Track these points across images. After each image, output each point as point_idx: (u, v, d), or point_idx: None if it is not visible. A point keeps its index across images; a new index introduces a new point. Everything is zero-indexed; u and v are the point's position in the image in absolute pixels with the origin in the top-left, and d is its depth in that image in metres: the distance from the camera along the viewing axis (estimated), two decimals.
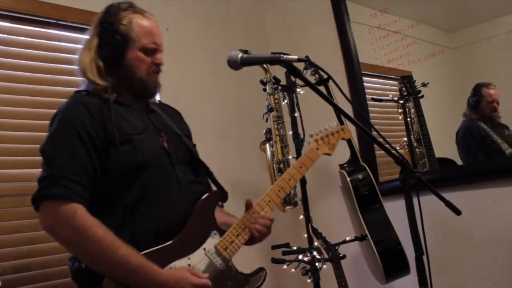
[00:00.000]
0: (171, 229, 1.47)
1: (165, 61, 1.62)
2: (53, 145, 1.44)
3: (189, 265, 1.46)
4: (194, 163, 1.67)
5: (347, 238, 2.14)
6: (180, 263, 1.44)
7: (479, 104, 2.38)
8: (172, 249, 1.45)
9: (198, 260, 1.47)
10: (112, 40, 1.53)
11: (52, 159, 1.41)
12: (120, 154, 1.44)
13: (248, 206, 1.61)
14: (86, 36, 1.64)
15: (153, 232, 1.44)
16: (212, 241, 1.52)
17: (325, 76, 2.32)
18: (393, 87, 2.69)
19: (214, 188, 1.70)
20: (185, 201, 1.53)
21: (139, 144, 1.48)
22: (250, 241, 1.59)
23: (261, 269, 1.61)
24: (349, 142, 2.37)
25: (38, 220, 1.39)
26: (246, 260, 1.64)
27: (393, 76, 2.70)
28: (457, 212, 1.41)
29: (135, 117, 1.56)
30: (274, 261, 2.07)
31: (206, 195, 1.58)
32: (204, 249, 1.50)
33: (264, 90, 2.29)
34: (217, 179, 1.71)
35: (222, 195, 1.65)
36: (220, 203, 1.67)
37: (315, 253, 2.05)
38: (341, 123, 2.36)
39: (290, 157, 2.24)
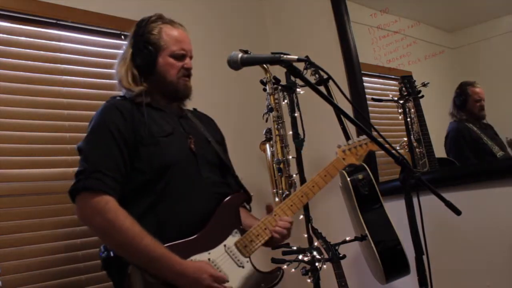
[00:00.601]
0: (193, 225, 1.57)
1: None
2: (88, 143, 1.57)
3: (209, 259, 1.56)
4: (221, 166, 1.78)
5: (347, 238, 2.14)
6: (200, 257, 1.54)
7: (466, 103, 2.38)
8: (194, 243, 1.54)
9: (217, 255, 1.56)
10: (144, 49, 1.68)
11: (87, 155, 1.54)
12: (147, 155, 1.57)
13: (270, 209, 1.72)
14: (120, 48, 1.81)
15: (176, 228, 1.54)
16: (232, 239, 1.62)
17: (325, 76, 2.32)
18: (393, 87, 2.68)
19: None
20: (208, 200, 1.63)
21: (165, 146, 1.60)
22: (270, 242, 1.71)
23: (278, 269, 1.70)
24: None
25: (75, 210, 1.52)
26: None
27: (393, 76, 2.70)
28: (457, 212, 1.41)
29: (165, 121, 1.68)
30: (274, 261, 2.06)
31: (230, 196, 1.68)
32: (225, 245, 1.60)
33: (264, 90, 2.29)
34: (242, 183, 1.82)
35: (246, 197, 1.76)
36: (247, 206, 1.79)
37: (315, 253, 2.04)
38: (341, 123, 2.37)
39: (290, 157, 2.23)
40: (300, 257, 2.05)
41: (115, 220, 1.45)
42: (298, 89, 2.32)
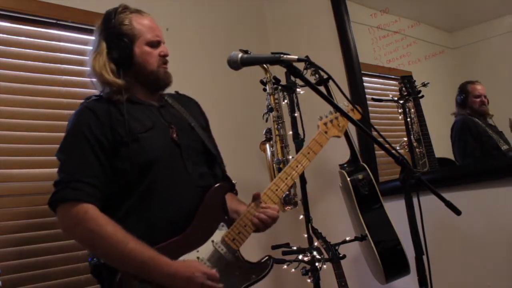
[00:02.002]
0: (180, 223, 1.54)
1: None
2: (63, 151, 1.54)
3: (198, 258, 1.53)
4: (207, 153, 1.73)
5: (347, 238, 2.14)
6: (189, 256, 1.51)
7: (466, 100, 2.38)
8: (181, 242, 1.51)
9: (206, 252, 1.54)
10: (119, 41, 1.61)
11: (63, 164, 1.51)
12: (128, 154, 1.52)
13: (256, 197, 1.66)
14: (90, 45, 1.72)
15: (163, 228, 1.51)
16: (219, 233, 1.58)
17: (325, 76, 2.32)
18: (393, 87, 2.68)
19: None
20: (194, 195, 1.59)
21: (146, 142, 1.56)
22: (256, 229, 1.65)
23: (268, 258, 1.66)
24: (349, 142, 2.37)
25: (57, 222, 1.49)
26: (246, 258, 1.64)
27: (393, 76, 2.70)
28: (457, 212, 1.41)
29: (145, 114, 1.63)
30: (274, 261, 2.06)
31: (212, 188, 1.63)
32: (212, 241, 1.56)
33: (264, 90, 2.29)
34: (225, 171, 1.77)
35: (229, 187, 1.71)
36: (234, 190, 1.75)
37: (315, 253, 2.04)
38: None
39: (290, 157, 2.23)
40: (300, 257, 2.05)
41: (96, 228, 1.41)
42: (298, 89, 2.32)
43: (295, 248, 2.05)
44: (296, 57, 1.44)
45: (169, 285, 1.43)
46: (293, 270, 2.07)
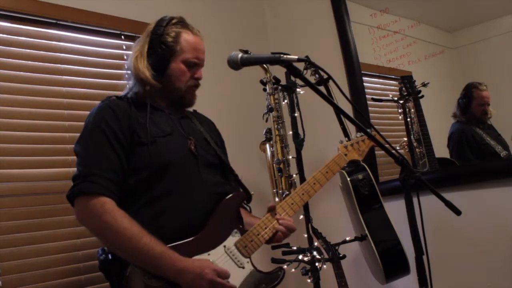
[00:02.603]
0: (193, 226, 1.55)
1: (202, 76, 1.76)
2: (82, 146, 1.56)
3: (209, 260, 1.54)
4: (222, 167, 1.77)
5: (347, 238, 2.14)
6: (200, 258, 1.52)
7: (470, 106, 2.37)
8: (193, 244, 1.52)
9: (217, 256, 1.54)
10: (159, 49, 1.66)
11: (82, 159, 1.54)
12: (145, 154, 1.55)
13: (271, 209, 1.70)
14: (135, 44, 1.76)
15: (175, 229, 1.52)
16: (232, 239, 1.60)
17: (325, 76, 2.32)
18: (393, 87, 2.68)
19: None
20: (208, 200, 1.61)
21: (163, 146, 1.59)
22: (270, 240, 1.68)
23: (279, 269, 1.68)
24: None
25: (74, 215, 1.51)
26: None
27: (393, 76, 2.70)
28: (457, 212, 1.41)
29: (165, 121, 1.67)
30: (274, 261, 2.06)
31: (230, 195, 1.66)
32: (224, 246, 1.58)
33: (264, 90, 2.29)
34: (242, 182, 1.80)
35: (246, 196, 1.75)
36: (246, 207, 1.78)
37: (315, 253, 2.05)
38: (341, 123, 2.37)
39: (290, 157, 2.23)
40: (300, 257, 2.05)
41: (112, 221, 1.44)
42: (298, 89, 2.32)
43: (295, 248, 2.05)
44: (296, 57, 1.44)
45: (180, 280, 1.44)
46: (293, 270, 2.07)
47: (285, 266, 2.06)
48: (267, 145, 2.27)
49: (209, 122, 1.94)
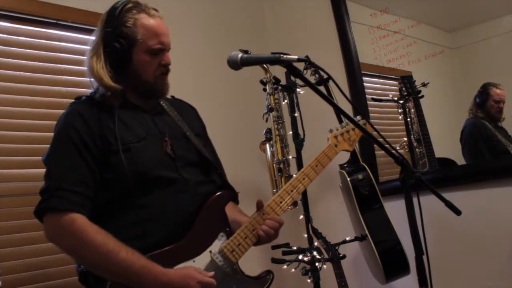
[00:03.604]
0: (177, 232, 1.46)
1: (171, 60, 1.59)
2: (50, 157, 1.46)
3: None
4: (204, 164, 1.64)
5: (347, 238, 2.14)
6: (185, 266, 1.44)
7: (486, 102, 2.37)
8: (178, 251, 1.44)
9: (203, 263, 1.46)
10: (117, 44, 1.50)
11: (49, 170, 1.44)
12: (118, 163, 1.44)
13: (259, 206, 1.58)
14: (92, 38, 1.61)
15: (161, 236, 1.44)
16: (218, 244, 1.50)
17: (325, 76, 2.31)
18: (393, 87, 2.69)
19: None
20: (190, 203, 1.51)
21: (138, 153, 1.47)
22: (258, 242, 1.57)
23: (268, 272, 1.59)
24: None
25: (43, 231, 1.41)
26: (245, 260, 1.63)
27: (393, 76, 2.70)
28: (457, 212, 1.41)
29: (138, 122, 1.55)
30: (274, 261, 2.07)
31: (214, 196, 1.55)
32: (210, 251, 1.49)
33: (264, 90, 2.29)
34: (227, 179, 1.69)
35: (231, 195, 1.63)
36: (236, 200, 1.67)
37: (315, 253, 2.05)
38: (341, 123, 2.36)
39: (290, 157, 2.23)
40: (300, 257, 2.05)
41: (85, 238, 1.34)
42: (298, 89, 2.32)
43: (295, 248, 2.05)
44: (296, 57, 1.44)
45: None
46: (293, 270, 2.07)
47: (285, 266, 2.07)
48: (267, 145, 2.27)
49: (189, 109, 1.77)
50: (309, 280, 2.07)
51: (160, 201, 1.47)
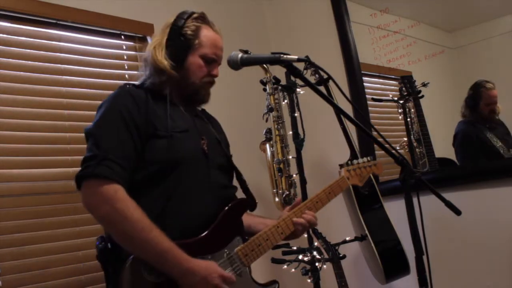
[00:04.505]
0: (198, 226, 1.52)
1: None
2: (99, 128, 1.50)
3: None
4: (229, 170, 1.75)
5: (347, 238, 2.14)
6: (202, 260, 1.48)
7: (477, 105, 2.37)
8: (196, 245, 1.49)
9: (218, 260, 1.51)
10: (179, 42, 1.63)
11: (98, 141, 1.47)
12: (160, 148, 1.52)
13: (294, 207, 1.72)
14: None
15: (181, 226, 1.50)
16: (234, 246, 1.56)
17: (325, 76, 2.32)
18: (393, 87, 2.69)
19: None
20: (214, 203, 1.58)
21: (178, 142, 1.56)
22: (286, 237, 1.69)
23: (274, 282, 1.66)
24: (349, 142, 2.37)
25: (81, 197, 1.44)
26: None
27: (393, 76, 2.70)
28: (457, 212, 1.41)
29: (181, 117, 1.64)
30: (274, 261, 2.07)
31: (236, 202, 1.64)
32: (226, 251, 1.54)
33: (264, 90, 2.29)
34: (249, 188, 1.78)
35: (251, 204, 1.72)
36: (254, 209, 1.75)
37: (315, 253, 2.05)
38: (341, 123, 2.37)
39: (290, 157, 2.24)
40: (300, 257, 2.05)
41: (125, 210, 1.39)
42: (298, 89, 2.32)
43: (295, 248, 2.05)
44: (296, 57, 1.44)
45: (183, 281, 1.41)
46: (293, 270, 2.07)
47: (285, 266, 2.07)
48: (267, 145, 2.27)
49: (217, 123, 1.91)
50: (309, 280, 2.07)
51: (186, 194, 1.54)
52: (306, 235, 2.20)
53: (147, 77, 1.65)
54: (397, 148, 2.49)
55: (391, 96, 2.59)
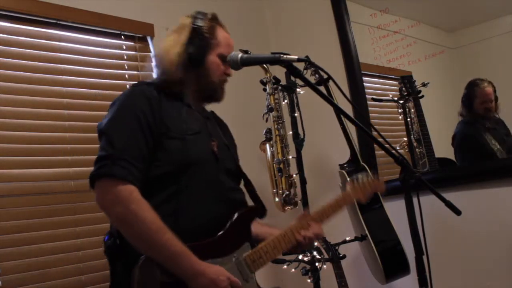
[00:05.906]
0: (207, 229, 1.52)
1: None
2: (113, 127, 1.50)
3: None
4: (237, 174, 1.75)
5: (347, 238, 2.14)
6: (211, 263, 1.48)
7: (473, 104, 2.37)
8: (207, 248, 1.49)
9: (226, 265, 1.51)
10: (199, 40, 1.64)
11: (113, 140, 1.46)
12: (171, 149, 1.52)
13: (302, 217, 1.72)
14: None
15: (190, 227, 1.49)
16: (242, 252, 1.57)
17: (325, 76, 2.32)
18: (393, 87, 2.69)
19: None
20: (223, 205, 1.58)
21: (190, 144, 1.56)
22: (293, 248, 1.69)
23: None
24: (349, 142, 2.37)
25: (95, 196, 1.44)
26: None
27: (393, 76, 2.70)
28: (457, 212, 1.41)
29: (193, 118, 1.64)
30: (274, 261, 2.06)
31: (247, 208, 1.65)
32: (234, 256, 1.55)
33: (264, 90, 2.29)
34: (258, 194, 1.78)
35: (262, 212, 1.73)
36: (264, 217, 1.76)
37: (315, 253, 2.05)
38: (341, 123, 2.37)
39: (290, 157, 2.23)
40: (300, 257, 2.05)
41: (140, 211, 1.40)
42: (298, 89, 2.32)
43: None
44: (296, 57, 1.44)
45: (193, 283, 1.41)
46: (293, 270, 2.07)
47: (285, 266, 2.07)
48: (267, 145, 2.27)
49: (225, 126, 1.91)
50: (309, 280, 2.07)
51: (196, 196, 1.54)
52: None
53: (160, 76, 1.66)
54: (397, 148, 2.49)
55: (391, 96, 2.59)
